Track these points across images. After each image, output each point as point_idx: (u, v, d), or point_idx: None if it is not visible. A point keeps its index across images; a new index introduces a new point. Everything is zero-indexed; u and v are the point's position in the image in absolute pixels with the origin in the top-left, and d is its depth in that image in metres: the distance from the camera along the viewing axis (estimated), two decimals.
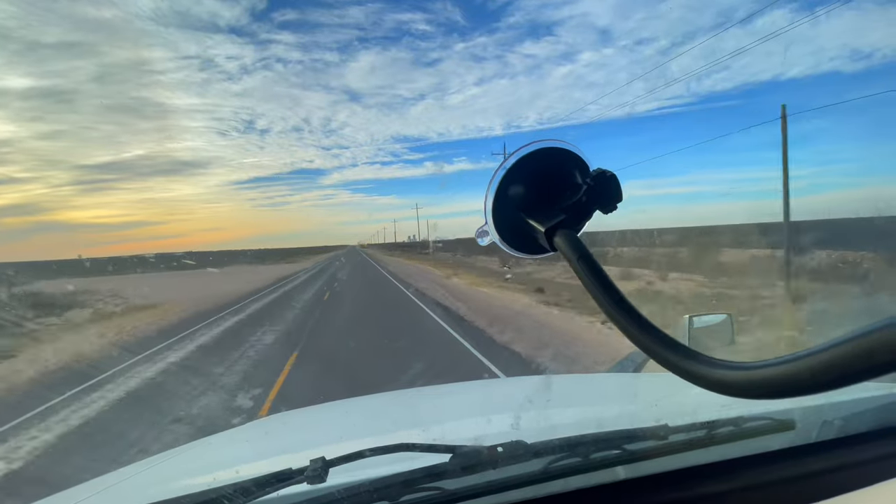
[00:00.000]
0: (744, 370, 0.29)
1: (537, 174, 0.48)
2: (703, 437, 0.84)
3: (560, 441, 0.81)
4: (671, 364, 0.34)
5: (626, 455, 0.80)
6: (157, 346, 7.94)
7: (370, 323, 9.44)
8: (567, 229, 0.46)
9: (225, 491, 0.71)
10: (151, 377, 6.10)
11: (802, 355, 0.26)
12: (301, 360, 6.30)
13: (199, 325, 10.07)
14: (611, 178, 0.46)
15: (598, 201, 0.47)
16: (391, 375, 5.26)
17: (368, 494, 0.71)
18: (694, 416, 0.90)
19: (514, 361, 5.77)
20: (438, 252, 44.56)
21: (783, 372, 0.27)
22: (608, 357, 5.33)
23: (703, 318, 1.62)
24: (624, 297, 0.38)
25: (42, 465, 3.72)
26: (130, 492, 1.01)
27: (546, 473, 0.77)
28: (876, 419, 0.88)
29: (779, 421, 0.87)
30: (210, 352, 7.42)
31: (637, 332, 0.36)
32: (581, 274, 0.41)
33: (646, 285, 12.73)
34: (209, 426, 4.14)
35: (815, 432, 0.87)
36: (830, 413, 0.89)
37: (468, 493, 0.74)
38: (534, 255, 0.51)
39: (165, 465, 1.19)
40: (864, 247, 13.39)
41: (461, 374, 5.40)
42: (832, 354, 0.24)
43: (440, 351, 6.59)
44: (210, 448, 1.35)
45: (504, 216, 0.50)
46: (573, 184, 0.48)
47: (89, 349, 8.34)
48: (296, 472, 0.74)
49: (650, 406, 1.25)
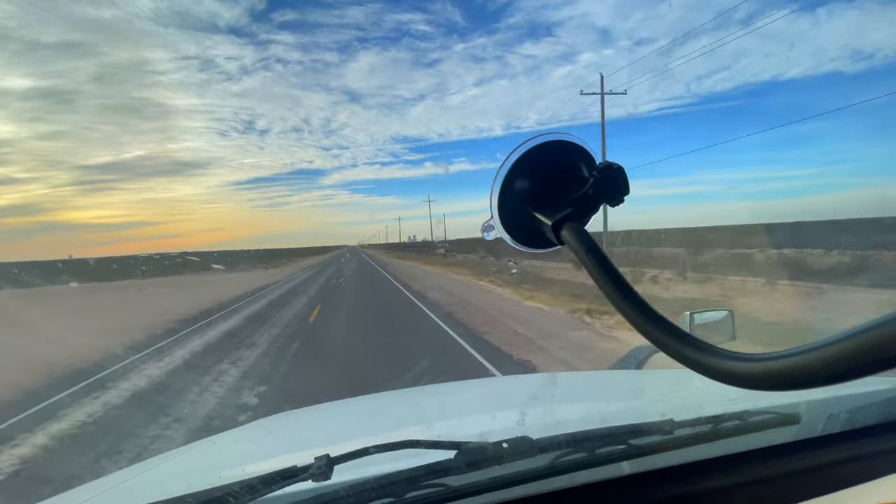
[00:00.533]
0: (757, 361, 0.29)
1: (543, 167, 0.48)
2: (708, 431, 0.83)
3: (565, 436, 0.81)
4: (683, 356, 0.33)
5: (632, 450, 0.80)
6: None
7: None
8: (574, 222, 0.45)
9: (231, 489, 0.70)
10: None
11: (815, 347, 0.26)
12: None
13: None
14: (618, 170, 0.46)
15: (605, 194, 0.46)
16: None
17: (373, 491, 0.71)
18: (699, 411, 0.89)
19: None
20: (451, 253, 38.79)
21: (798, 363, 0.26)
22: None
23: (703, 315, 1.61)
24: (633, 290, 0.38)
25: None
26: (136, 490, 1.01)
27: (551, 469, 0.77)
28: (881, 413, 0.88)
29: (784, 415, 0.86)
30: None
31: (647, 324, 0.36)
32: (590, 267, 0.41)
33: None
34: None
35: (820, 426, 0.87)
36: (836, 406, 0.89)
37: (473, 489, 0.74)
38: (540, 249, 0.50)
39: (170, 464, 1.19)
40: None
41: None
42: (848, 345, 0.24)
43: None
44: (215, 447, 1.35)
45: (510, 210, 0.49)
46: (580, 177, 0.48)
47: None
48: (301, 470, 0.74)
49: (655, 401, 1.25)
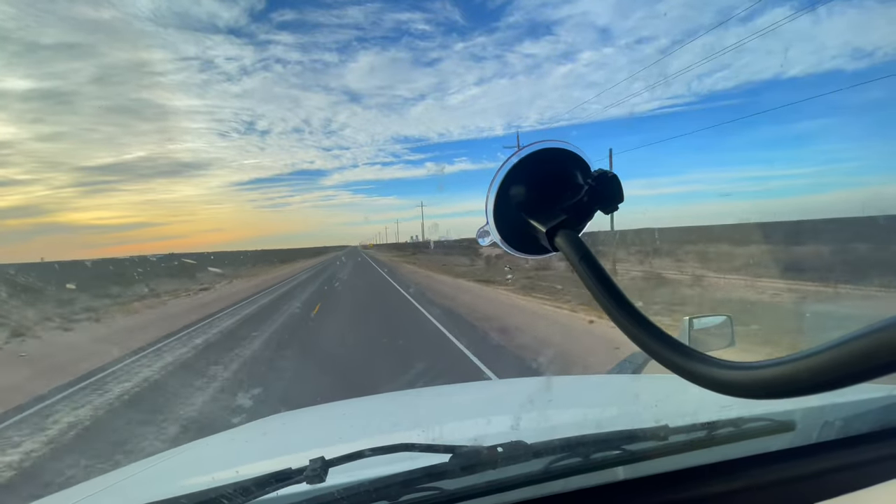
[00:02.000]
0: (746, 370, 0.29)
1: (538, 174, 0.48)
2: (703, 437, 0.84)
3: (560, 441, 0.81)
4: (673, 364, 0.34)
5: (627, 455, 0.80)
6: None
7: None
8: (568, 229, 0.46)
9: (225, 490, 0.70)
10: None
11: (804, 355, 0.26)
12: None
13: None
14: (612, 178, 0.46)
15: (599, 201, 0.47)
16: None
17: (368, 494, 0.71)
18: (694, 417, 0.89)
19: None
20: (451, 252, 32.00)
21: (784, 372, 0.26)
22: None
23: (702, 320, 1.62)
24: (625, 297, 0.38)
25: None
26: (130, 491, 1.00)
27: (546, 474, 0.77)
28: (876, 420, 0.88)
29: (779, 422, 0.86)
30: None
31: (639, 332, 0.36)
32: (583, 274, 0.41)
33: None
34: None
35: (815, 433, 0.87)
36: (831, 414, 0.89)
37: (468, 493, 0.74)
38: (535, 255, 0.51)
39: (164, 465, 1.19)
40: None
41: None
42: (834, 354, 0.24)
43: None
44: (209, 448, 1.35)
45: (505, 216, 0.49)
46: (574, 184, 0.48)
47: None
48: (295, 472, 0.74)
49: (650, 407, 1.25)
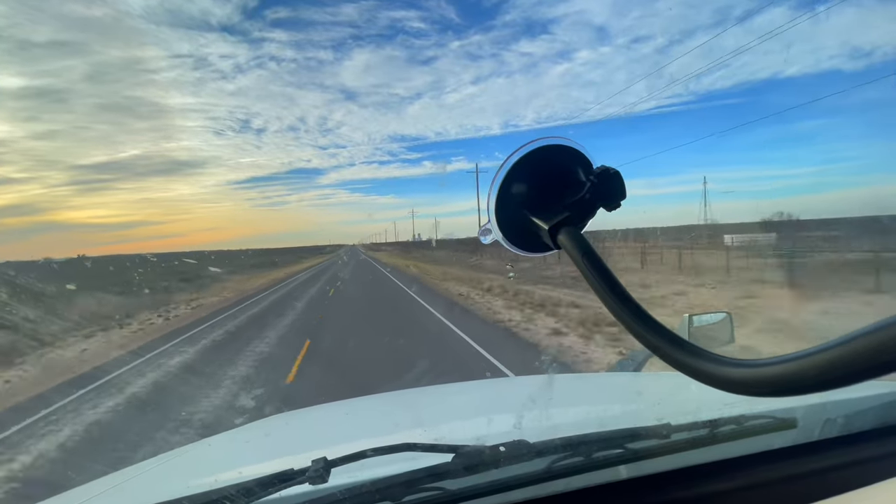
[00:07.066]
0: (750, 367, 0.29)
1: (540, 172, 0.48)
2: (705, 435, 0.83)
3: (562, 440, 0.81)
4: (677, 361, 0.33)
5: (629, 454, 0.80)
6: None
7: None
8: (571, 227, 0.45)
9: (227, 491, 0.70)
10: None
11: (811, 352, 0.26)
12: None
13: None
14: (615, 175, 0.46)
15: (602, 198, 0.46)
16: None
17: (370, 495, 0.71)
18: (696, 415, 0.89)
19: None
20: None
21: (792, 369, 0.26)
22: None
23: (702, 318, 1.62)
24: (629, 295, 0.38)
25: None
26: (132, 493, 1.00)
27: (548, 473, 0.77)
28: (879, 417, 0.88)
29: (781, 419, 0.86)
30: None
31: (642, 329, 0.36)
32: (585, 272, 0.41)
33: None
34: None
35: (817, 430, 0.87)
36: (833, 411, 0.89)
37: (470, 492, 0.74)
38: (537, 253, 0.50)
39: (167, 466, 1.19)
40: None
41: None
42: (841, 351, 0.24)
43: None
44: (211, 449, 1.35)
45: (507, 214, 0.49)
46: (577, 181, 0.48)
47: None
48: (297, 473, 0.73)
49: (652, 405, 1.25)
